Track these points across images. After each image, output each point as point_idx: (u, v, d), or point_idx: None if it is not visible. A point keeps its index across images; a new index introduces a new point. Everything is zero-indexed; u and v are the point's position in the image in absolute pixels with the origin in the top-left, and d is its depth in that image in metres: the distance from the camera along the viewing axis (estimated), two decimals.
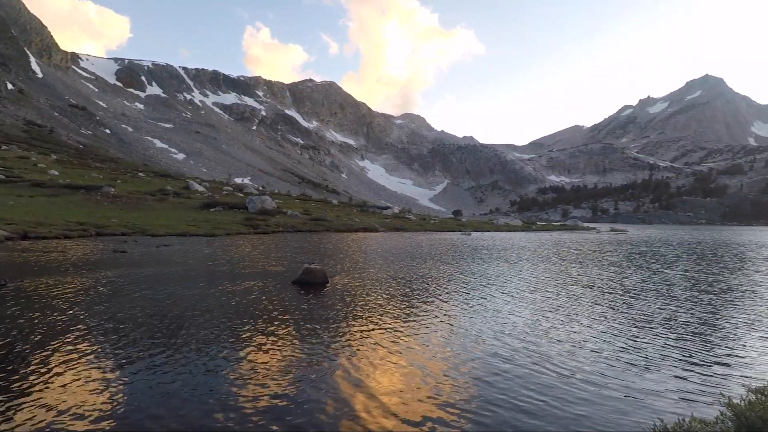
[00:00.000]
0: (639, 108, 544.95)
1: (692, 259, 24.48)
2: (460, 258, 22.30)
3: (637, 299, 12.20)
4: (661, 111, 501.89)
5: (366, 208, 72.74)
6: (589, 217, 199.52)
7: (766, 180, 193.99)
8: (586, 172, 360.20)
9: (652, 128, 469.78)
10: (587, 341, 8.14)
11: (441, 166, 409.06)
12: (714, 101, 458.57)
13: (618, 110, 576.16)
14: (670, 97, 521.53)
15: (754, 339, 8.63)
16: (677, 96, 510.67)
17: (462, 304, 11.19)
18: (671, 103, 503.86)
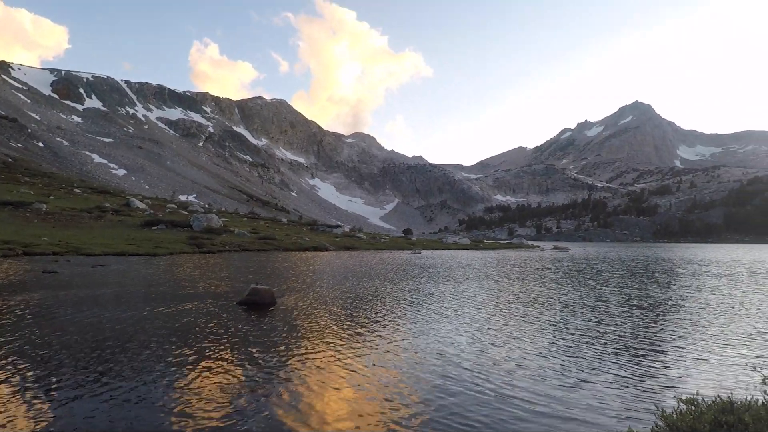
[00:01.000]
0: (577, 131, 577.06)
1: (626, 276, 25.87)
2: (408, 277, 22.47)
3: (574, 316, 12.71)
4: (597, 134, 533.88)
5: (316, 226, 72.08)
6: (533, 235, 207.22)
7: (691, 200, 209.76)
8: (530, 192, 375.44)
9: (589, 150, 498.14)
10: (527, 359, 8.35)
11: (391, 185, 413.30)
12: (644, 126, 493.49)
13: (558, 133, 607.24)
14: (605, 122, 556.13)
15: (683, 351, 9.21)
16: (611, 120, 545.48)
17: (408, 324, 11.23)
18: (606, 127, 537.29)
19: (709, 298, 16.56)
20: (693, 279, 24.15)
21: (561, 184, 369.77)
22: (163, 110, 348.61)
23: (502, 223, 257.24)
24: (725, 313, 13.45)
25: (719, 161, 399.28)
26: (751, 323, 11.94)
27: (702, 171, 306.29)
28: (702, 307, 14.45)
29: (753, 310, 13.89)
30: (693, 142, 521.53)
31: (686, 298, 16.46)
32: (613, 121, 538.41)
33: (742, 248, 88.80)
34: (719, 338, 10.21)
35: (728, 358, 8.67)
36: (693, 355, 8.81)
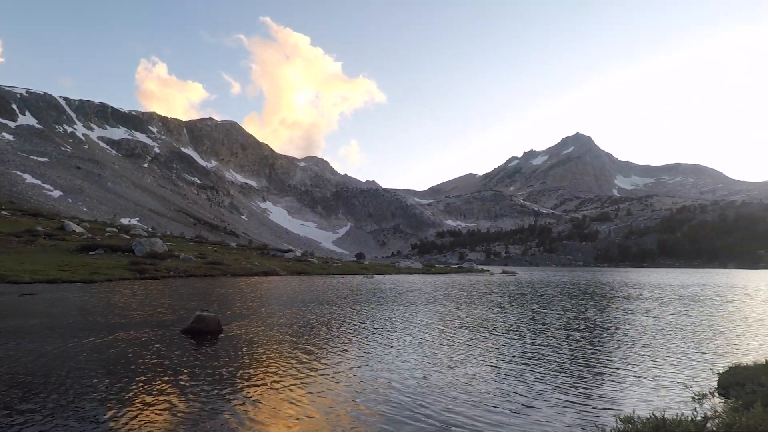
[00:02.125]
0: (524, 160, 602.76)
1: (566, 299, 26.90)
2: (358, 302, 22.35)
3: (517, 340, 13.05)
4: (543, 163, 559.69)
5: (267, 251, 70.53)
6: (483, 259, 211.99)
7: (628, 227, 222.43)
8: (479, 218, 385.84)
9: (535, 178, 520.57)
10: (470, 384, 8.46)
11: (344, 210, 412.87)
12: (584, 156, 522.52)
13: (506, 161, 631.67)
14: (549, 151, 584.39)
15: (620, 372, 9.64)
16: (555, 150, 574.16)
17: (354, 350, 11.15)
18: (550, 156, 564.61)
19: (642, 320, 17.50)
20: (628, 302, 25.45)
21: (509, 210, 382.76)
22: (106, 129, 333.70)
23: (453, 247, 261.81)
24: (657, 334, 14.24)
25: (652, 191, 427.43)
26: (681, 344, 12.70)
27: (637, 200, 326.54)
28: (636, 330, 15.23)
29: (681, 332, 14.79)
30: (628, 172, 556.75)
31: (621, 321, 17.30)
32: (557, 151, 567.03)
33: (672, 272, 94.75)
34: (652, 359, 10.78)
35: (662, 377, 9.15)
36: (629, 376, 9.24)
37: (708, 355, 11.29)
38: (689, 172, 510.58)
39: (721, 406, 7.11)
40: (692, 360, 10.68)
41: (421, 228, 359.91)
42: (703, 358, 10.85)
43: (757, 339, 13.73)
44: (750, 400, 6.48)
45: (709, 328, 15.74)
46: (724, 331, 15.02)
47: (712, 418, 6.00)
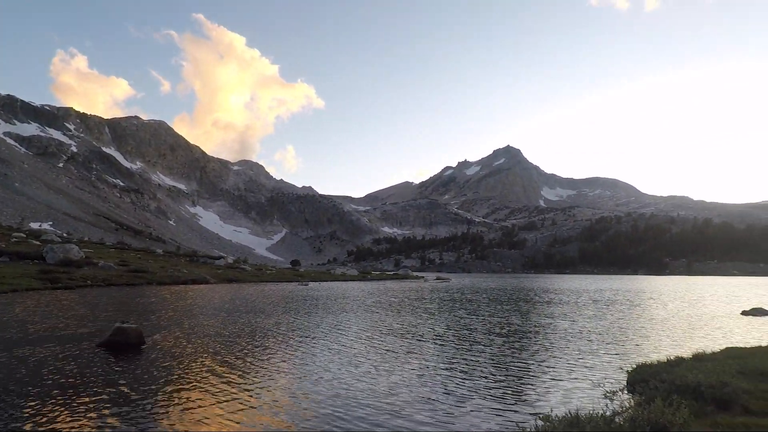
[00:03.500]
0: (458, 169, 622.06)
1: (492, 305, 28.04)
2: (291, 311, 22.03)
3: (442, 346, 13.44)
4: (475, 173, 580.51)
5: (196, 258, 67.50)
6: (418, 266, 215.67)
7: (552, 236, 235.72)
8: (415, 225, 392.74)
9: (468, 188, 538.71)
10: (394, 391, 8.56)
11: (280, 215, 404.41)
12: (514, 168, 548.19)
13: (441, 170, 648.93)
14: (481, 162, 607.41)
15: (540, 374, 10.21)
16: (487, 161, 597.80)
17: (282, 360, 11.00)
18: (482, 167, 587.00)
19: (560, 324, 18.65)
20: (548, 307, 27.00)
21: (443, 218, 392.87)
22: (14, 124, 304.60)
23: (389, 254, 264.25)
24: (573, 337, 15.24)
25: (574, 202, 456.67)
26: (594, 346, 13.67)
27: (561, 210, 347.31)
28: (554, 333, 16.20)
29: (595, 335, 15.92)
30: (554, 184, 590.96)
31: (541, 325, 18.32)
32: (489, 162, 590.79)
33: (590, 278, 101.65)
34: (569, 361, 11.52)
35: (577, 377, 9.81)
36: (548, 378, 9.81)
37: (618, 355, 12.24)
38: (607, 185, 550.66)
39: (629, 401, 7.76)
40: (605, 360, 11.53)
41: (358, 235, 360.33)
42: (614, 358, 11.75)
43: (660, 339, 15.07)
44: (652, 396, 7.13)
45: (619, 330, 17.07)
46: (633, 333, 16.35)
47: (620, 413, 6.53)
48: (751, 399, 6.95)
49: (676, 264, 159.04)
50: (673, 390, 7.46)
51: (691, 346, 13.19)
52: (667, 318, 21.35)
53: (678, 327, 18.14)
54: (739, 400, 6.89)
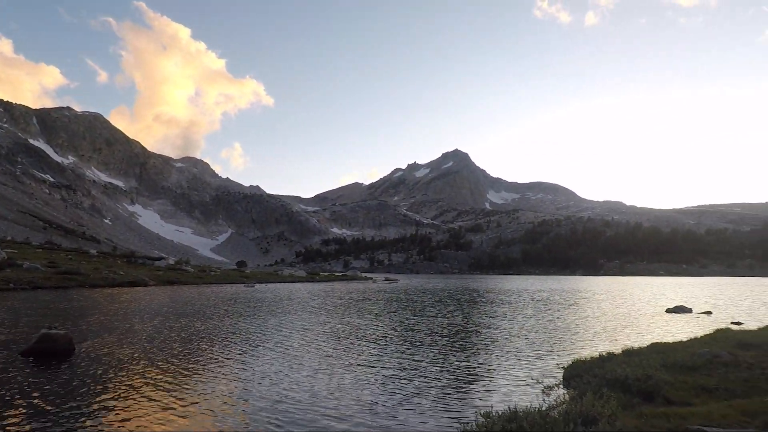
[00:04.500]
0: (408, 171, 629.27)
1: (437, 306, 28.58)
2: (233, 313, 21.49)
3: (385, 347, 13.52)
4: (425, 176, 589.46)
5: (134, 259, 64.25)
6: (367, 267, 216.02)
7: (497, 237, 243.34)
8: (364, 226, 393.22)
9: (417, 190, 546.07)
10: (334, 394, 8.54)
11: (225, 215, 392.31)
12: (462, 171, 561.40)
13: (391, 172, 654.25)
14: (430, 165, 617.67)
15: (481, 372, 10.51)
16: (436, 164, 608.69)
17: (220, 366, 10.70)
18: (431, 170, 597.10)
19: (501, 323, 19.31)
20: (491, 307, 27.90)
21: (393, 219, 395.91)
22: None
23: (338, 255, 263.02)
24: (514, 336, 15.81)
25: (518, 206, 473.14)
26: (533, 343, 14.25)
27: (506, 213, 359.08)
28: (496, 332, 16.76)
29: (534, 333, 16.61)
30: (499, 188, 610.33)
31: (483, 325, 18.89)
32: (438, 165, 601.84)
33: (532, 279, 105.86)
34: (509, 358, 11.95)
35: (517, 374, 10.18)
36: (490, 376, 10.13)
37: (555, 352, 12.83)
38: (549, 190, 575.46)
39: (564, 396, 8.15)
40: (543, 358, 12.05)
41: (307, 235, 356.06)
42: (552, 355, 12.30)
43: (594, 336, 15.93)
44: (584, 390, 7.53)
45: (556, 328, 17.90)
46: (569, 331, 17.19)
47: (555, 407, 6.85)
48: (671, 390, 7.49)
49: (610, 265, 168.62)
50: (603, 384, 7.91)
51: (621, 342, 14.03)
52: (599, 316, 22.61)
53: (610, 324, 19.25)
54: (661, 392, 7.41)
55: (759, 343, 11.37)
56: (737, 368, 8.88)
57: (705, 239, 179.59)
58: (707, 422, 5.70)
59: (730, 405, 6.47)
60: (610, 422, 5.61)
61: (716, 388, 7.63)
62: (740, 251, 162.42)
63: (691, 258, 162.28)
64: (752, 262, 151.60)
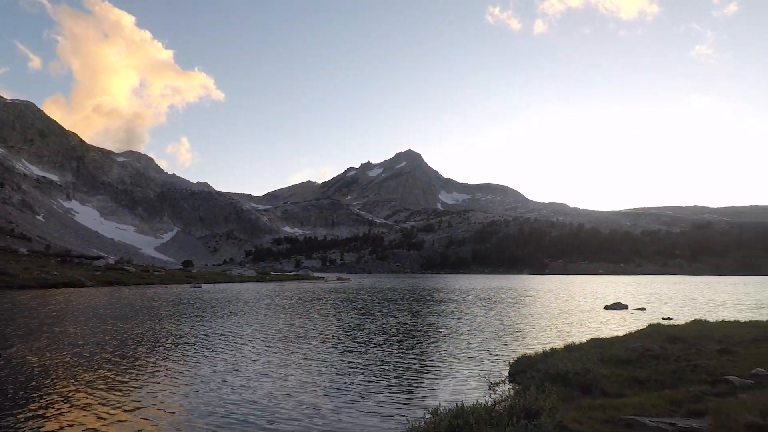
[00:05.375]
0: (361, 171, 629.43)
1: (387, 305, 28.76)
2: (177, 314, 20.73)
3: (333, 347, 13.43)
4: (378, 175, 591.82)
5: (69, 258, 60.50)
6: (319, 267, 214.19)
7: (448, 237, 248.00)
8: (317, 225, 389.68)
9: (370, 189, 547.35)
10: (277, 398, 8.34)
11: (171, 213, 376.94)
12: (414, 171, 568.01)
13: (344, 171, 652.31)
14: (384, 165, 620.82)
15: (430, 370, 10.65)
16: (389, 164, 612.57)
17: (158, 368, 10.30)
18: (385, 170, 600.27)
19: (449, 322, 19.70)
20: (440, 305, 28.39)
21: (345, 218, 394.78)
22: None
23: (290, 254, 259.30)
24: (461, 334, 16.16)
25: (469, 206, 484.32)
26: (481, 341, 14.61)
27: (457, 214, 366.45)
28: (444, 331, 17.06)
29: (481, 330, 17.04)
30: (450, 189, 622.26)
31: (432, 324, 19.17)
32: (391, 165, 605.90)
33: (481, 278, 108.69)
34: (458, 356, 12.18)
35: (466, 372, 10.39)
36: (439, 373, 10.28)
37: (502, 348, 13.20)
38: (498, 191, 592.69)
39: (509, 391, 8.39)
40: (490, 354, 12.37)
41: (257, 234, 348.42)
42: (498, 352, 12.65)
43: (538, 332, 16.54)
44: (528, 384, 7.79)
45: (503, 325, 18.45)
46: (515, 328, 17.76)
47: (501, 402, 7.03)
48: (607, 383, 7.89)
49: (555, 264, 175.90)
50: (546, 378, 8.21)
51: (563, 338, 14.64)
52: (543, 313, 23.52)
53: (553, 321, 20.05)
54: (598, 384, 7.78)
55: (685, 337, 12.20)
56: (666, 361, 9.48)
57: (641, 240, 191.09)
58: (639, 412, 6.04)
59: (659, 395, 6.89)
60: (551, 415, 5.82)
61: (648, 380, 8.10)
62: (672, 251, 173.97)
63: (628, 257, 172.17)
64: (682, 261, 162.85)
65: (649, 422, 5.46)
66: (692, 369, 8.64)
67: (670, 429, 5.20)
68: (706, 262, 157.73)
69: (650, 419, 5.59)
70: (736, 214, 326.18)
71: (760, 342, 11.26)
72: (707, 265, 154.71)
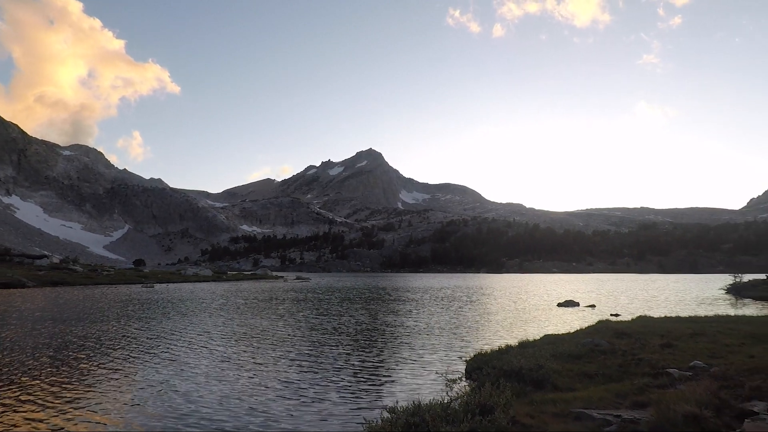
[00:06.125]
0: (321, 169, 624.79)
1: (345, 304, 28.68)
2: (124, 316, 19.97)
3: (289, 348, 13.23)
4: (339, 174, 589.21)
5: (9, 257, 56.92)
6: (278, 266, 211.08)
7: (409, 236, 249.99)
8: (276, 224, 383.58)
9: (331, 188, 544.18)
10: (231, 400, 8.16)
11: (121, 210, 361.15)
12: (375, 170, 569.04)
13: (305, 169, 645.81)
14: (344, 163, 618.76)
15: (387, 369, 10.68)
16: (350, 162, 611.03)
17: (100, 374, 9.87)
18: (345, 168, 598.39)
19: (407, 320, 19.86)
20: (398, 304, 28.57)
21: (305, 217, 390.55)
22: None
23: (248, 253, 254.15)
24: (419, 332, 16.31)
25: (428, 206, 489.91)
26: (438, 339, 14.80)
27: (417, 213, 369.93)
28: (401, 329, 17.18)
29: (438, 328, 17.26)
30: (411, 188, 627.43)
31: (389, 323, 19.26)
32: (352, 164, 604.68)
33: (440, 277, 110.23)
34: (415, 354, 12.28)
35: (423, 369, 10.48)
36: (396, 372, 10.33)
37: (459, 346, 13.42)
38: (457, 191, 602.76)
39: (466, 388, 8.53)
40: (447, 352, 12.54)
41: (214, 233, 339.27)
42: (456, 350, 12.84)
43: (494, 330, 16.92)
44: (484, 381, 7.95)
45: (460, 323, 18.77)
46: (471, 325, 18.10)
47: (457, 399, 7.13)
48: (558, 377, 8.16)
49: (511, 263, 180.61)
50: (501, 374, 8.41)
51: (519, 335, 15.03)
52: (499, 311, 24.10)
53: (508, 319, 20.58)
54: (550, 379, 8.05)
55: (631, 332, 12.80)
56: (614, 355, 9.92)
57: (592, 239, 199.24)
58: (587, 405, 6.28)
59: (606, 388, 7.20)
60: (505, 410, 5.96)
61: (596, 374, 8.45)
62: (620, 250, 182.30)
63: (580, 256, 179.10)
64: (629, 260, 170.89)
65: (596, 415, 5.68)
66: (637, 362, 9.08)
67: (615, 421, 5.43)
68: (652, 261, 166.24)
69: (597, 412, 5.83)
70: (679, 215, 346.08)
71: (697, 336, 11.97)
72: (652, 264, 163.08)
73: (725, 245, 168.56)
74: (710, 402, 5.43)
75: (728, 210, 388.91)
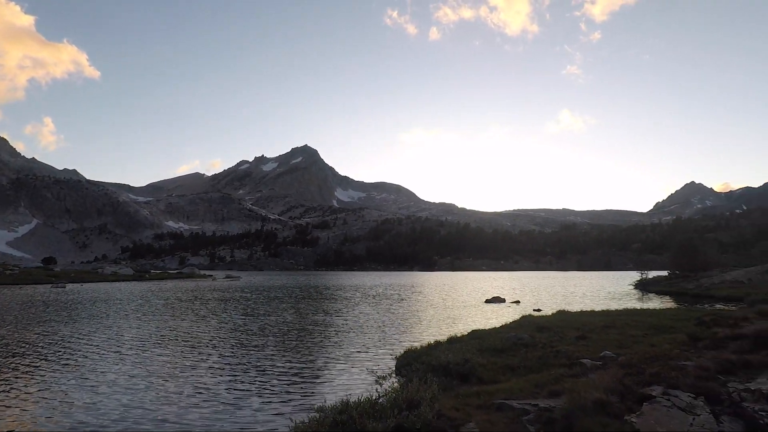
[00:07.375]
0: (255, 164, 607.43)
1: (274, 304, 28.14)
2: (28, 319, 18.57)
3: (212, 350, 12.82)
4: (273, 170, 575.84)
5: None
6: (207, 264, 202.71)
7: (344, 234, 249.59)
8: (205, 220, 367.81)
9: (264, 184, 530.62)
10: (147, 406, 7.78)
11: (29, 202, 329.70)
12: (311, 167, 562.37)
13: (237, 164, 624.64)
14: (279, 159, 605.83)
15: (316, 367, 10.59)
16: (285, 159, 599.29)
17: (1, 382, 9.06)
18: (280, 164, 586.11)
19: (336, 319, 19.86)
20: (329, 303, 28.50)
21: (237, 213, 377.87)
22: None
23: (174, 251, 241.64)
24: (349, 330, 16.35)
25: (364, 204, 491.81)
26: (369, 336, 14.88)
27: (352, 211, 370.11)
28: (332, 328, 17.13)
29: (368, 326, 17.39)
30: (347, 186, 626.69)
31: (318, 322, 19.12)
32: (286, 160, 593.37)
33: (374, 275, 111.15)
34: (345, 352, 12.28)
35: (354, 367, 10.49)
36: (327, 370, 10.27)
37: (390, 343, 13.58)
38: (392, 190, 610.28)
39: (395, 384, 8.64)
40: (378, 350, 12.65)
41: (136, 229, 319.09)
42: (386, 347, 12.98)
43: (424, 327, 17.29)
44: (412, 377, 8.09)
45: (390, 321, 19.02)
46: (402, 322, 18.40)
47: (385, 395, 7.19)
48: (483, 371, 8.48)
49: (443, 261, 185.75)
50: (429, 370, 8.59)
51: (448, 331, 15.46)
52: (429, 308, 24.70)
53: (438, 315, 21.13)
54: (476, 373, 8.34)
55: (551, 326, 13.58)
56: (534, 348, 10.47)
57: (518, 239, 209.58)
58: (508, 396, 6.57)
59: (526, 379, 7.57)
60: (431, 404, 6.09)
61: (518, 366, 8.87)
62: (544, 249, 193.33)
63: (508, 255, 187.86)
64: (552, 259, 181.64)
65: (516, 404, 5.96)
66: (555, 354, 9.64)
67: (532, 410, 5.73)
68: (571, 259, 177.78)
69: (517, 402, 6.12)
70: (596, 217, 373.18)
71: (609, 328, 12.94)
72: (572, 262, 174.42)
73: (634, 245, 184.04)
74: (616, 388, 5.89)
75: (638, 212, 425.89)
